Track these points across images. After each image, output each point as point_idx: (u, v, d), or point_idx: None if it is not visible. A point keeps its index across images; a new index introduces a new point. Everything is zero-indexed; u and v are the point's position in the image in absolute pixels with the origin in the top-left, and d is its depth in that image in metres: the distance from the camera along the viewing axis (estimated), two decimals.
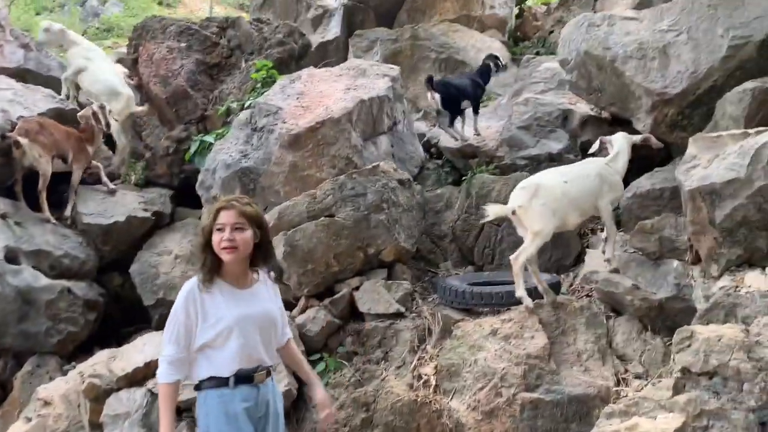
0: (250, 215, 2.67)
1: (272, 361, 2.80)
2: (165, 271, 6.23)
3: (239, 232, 2.62)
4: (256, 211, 2.74)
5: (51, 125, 6.10)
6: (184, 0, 26.49)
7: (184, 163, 7.11)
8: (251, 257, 2.71)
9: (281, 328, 2.88)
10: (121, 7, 20.86)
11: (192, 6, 26.26)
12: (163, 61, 7.11)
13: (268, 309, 2.78)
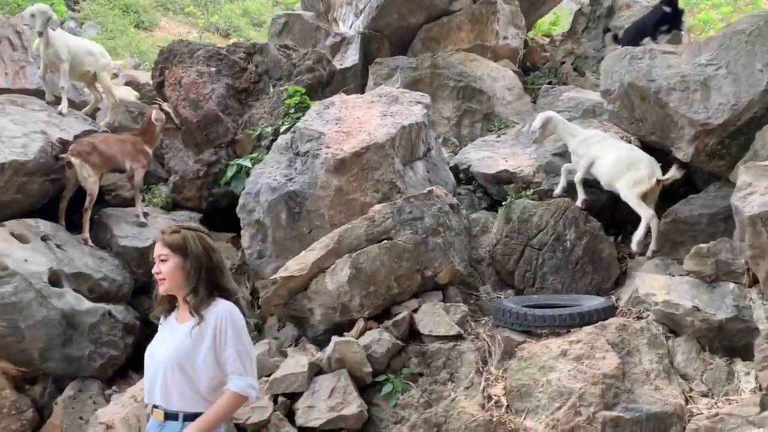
0: (172, 244, 2.60)
1: (179, 405, 2.55)
2: None
3: (163, 264, 2.60)
4: (181, 238, 2.60)
5: (103, 143, 6.12)
6: (160, 24, 26.54)
7: (213, 186, 7.14)
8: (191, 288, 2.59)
9: (203, 374, 2.55)
10: (99, 29, 20.78)
11: (169, 29, 26.31)
12: (193, 85, 7.15)
13: (180, 351, 2.54)
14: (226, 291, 2.68)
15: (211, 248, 2.67)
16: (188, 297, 2.59)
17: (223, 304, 2.62)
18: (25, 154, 5.57)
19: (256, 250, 6.03)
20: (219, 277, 2.66)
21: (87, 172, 5.95)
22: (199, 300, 2.58)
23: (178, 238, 2.61)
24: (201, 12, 18.70)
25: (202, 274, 2.59)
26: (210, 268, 2.62)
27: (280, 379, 4.45)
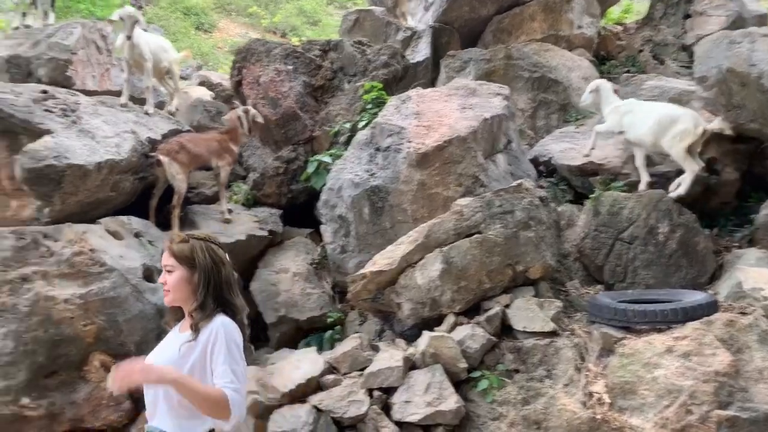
0: (179, 254, 2.44)
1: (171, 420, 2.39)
2: (285, 289, 6.29)
3: (169, 275, 2.46)
4: (189, 248, 2.44)
5: (190, 141, 6.25)
6: (219, 25, 27.10)
7: (292, 182, 7.21)
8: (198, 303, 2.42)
9: None
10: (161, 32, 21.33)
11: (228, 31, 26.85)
12: (272, 84, 7.23)
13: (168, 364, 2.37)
14: (233, 307, 2.47)
15: (220, 261, 2.48)
16: (194, 312, 2.42)
17: (220, 320, 2.40)
18: (119, 153, 5.73)
19: (339, 245, 6.07)
20: (227, 292, 2.46)
21: (175, 170, 6.10)
22: (204, 316, 2.41)
23: (185, 248, 2.45)
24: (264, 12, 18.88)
25: (210, 289, 2.42)
26: (218, 283, 2.43)
27: (376, 374, 4.45)
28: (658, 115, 5.70)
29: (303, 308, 6.18)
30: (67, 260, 5.20)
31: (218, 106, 8.46)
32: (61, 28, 6.90)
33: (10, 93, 5.67)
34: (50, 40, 6.67)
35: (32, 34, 6.90)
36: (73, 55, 6.68)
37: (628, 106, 6.11)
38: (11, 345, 4.95)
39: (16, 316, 4.98)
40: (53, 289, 5.11)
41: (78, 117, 5.86)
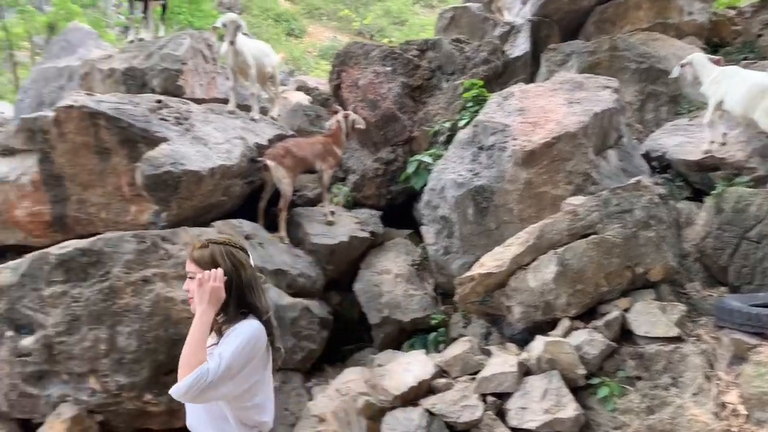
0: (200, 260, 2.41)
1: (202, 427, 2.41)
2: (388, 290, 6.29)
3: (190, 281, 2.42)
4: (209, 254, 2.41)
5: (295, 146, 6.39)
6: (308, 30, 27.69)
7: (391, 183, 7.22)
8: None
9: None
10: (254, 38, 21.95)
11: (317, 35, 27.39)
12: (370, 86, 7.27)
13: None
14: (257, 309, 2.43)
15: (240, 264, 2.44)
16: (218, 316, 2.39)
17: (247, 322, 2.38)
18: (230, 158, 5.92)
19: (442, 246, 6.00)
20: (249, 294, 2.42)
21: (282, 174, 6.24)
22: (227, 319, 2.40)
23: (206, 254, 2.42)
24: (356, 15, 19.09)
25: (232, 292, 2.38)
26: (239, 286, 2.40)
27: (489, 378, 4.35)
28: (750, 86, 5.39)
29: (406, 309, 6.16)
30: (183, 263, 5.41)
31: (317, 110, 8.59)
32: (172, 39, 7.21)
33: (129, 104, 5.97)
34: (162, 52, 6.99)
35: (145, 46, 7.26)
36: (183, 65, 6.96)
37: (727, 72, 5.77)
38: (135, 344, 5.21)
39: (139, 316, 5.24)
40: (172, 290, 5.34)
41: (191, 125, 6.10)
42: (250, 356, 2.32)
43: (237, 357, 2.26)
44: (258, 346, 2.36)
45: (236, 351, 2.27)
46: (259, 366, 2.39)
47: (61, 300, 5.26)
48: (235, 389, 2.31)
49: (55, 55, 9.72)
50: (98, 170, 5.86)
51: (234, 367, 2.25)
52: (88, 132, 5.72)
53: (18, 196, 6.06)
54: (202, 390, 2.20)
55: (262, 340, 2.38)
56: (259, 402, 2.42)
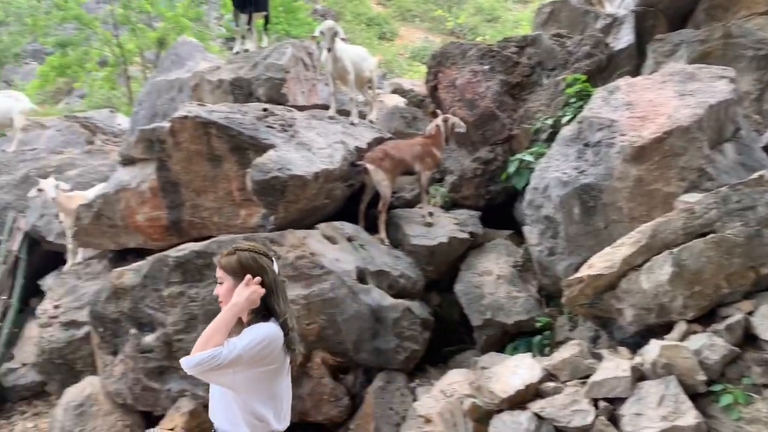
0: (227, 266, 2.63)
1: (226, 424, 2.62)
2: (490, 292, 6.22)
3: (220, 287, 2.66)
4: (236, 260, 2.61)
5: (394, 148, 6.48)
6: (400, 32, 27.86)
7: (490, 183, 7.14)
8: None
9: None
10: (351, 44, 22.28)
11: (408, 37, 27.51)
12: (468, 85, 7.22)
13: None
14: (275, 312, 2.62)
15: (263, 269, 2.62)
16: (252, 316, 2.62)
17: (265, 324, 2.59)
18: (332, 163, 6.07)
19: (546, 247, 5.86)
20: (269, 297, 2.61)
21: (381, 177, 6.33)
22: (251, 319, 2.61)
23: (232, 260, 2.63)
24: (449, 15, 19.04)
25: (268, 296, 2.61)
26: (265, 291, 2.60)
27: (601, 383, 4.20)
28: None
29: (509, 311, 6.07)
30: (291, 264, 5.61)
31: (414, 112, 8.65)
32: (275, 49, 7.50)
33: (238, 113, 6.26)
34: (266, 62, 7.27)
35: (250, 57, 7.58)
36: (286, 74, 7.21)
37: None
38: None
39: None
40: None
41: (295, 131, 6.31)
42: (263, 354, 2.51)
43: (248, 350, 2.46)
44: (272, 347, 2.54)
45: (249, 345, 2.47)
46: (271, 364, 2.57)
47: (179, 300, 5.58)
48: (243, 381, 2.51)
49: (166, 68, 10.33)
50: (211, 176, 6.18)
51: (244, 358, 2.46)
52: (201, 140, 6.05)
53: (138, 202, 6.49)
54: (209, 369, 2.44)
55: (277, 341, 2.56)
56: (268, 398, 2.59)
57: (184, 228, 6.51)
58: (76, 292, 7.31)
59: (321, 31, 6.87)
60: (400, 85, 10.58)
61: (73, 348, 6.85)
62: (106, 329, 5.92)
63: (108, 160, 9.45)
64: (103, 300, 5.86)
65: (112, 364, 5.97)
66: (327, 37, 6.80)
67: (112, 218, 6.61)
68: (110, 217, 6.60)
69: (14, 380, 7.71)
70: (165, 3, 17.62)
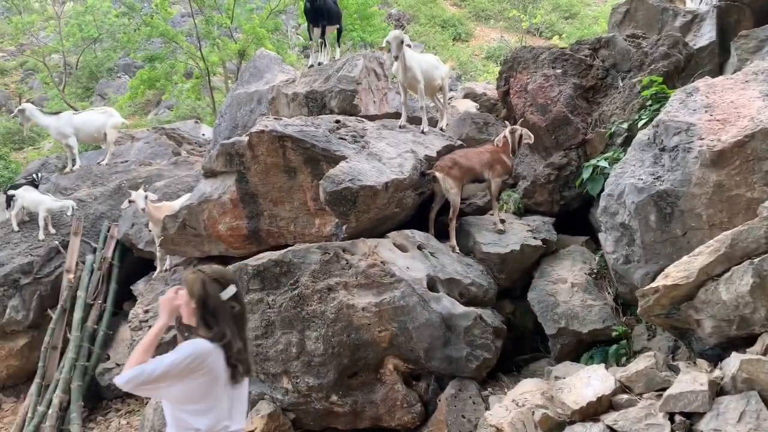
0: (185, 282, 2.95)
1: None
2: (564, 300, 6.14)
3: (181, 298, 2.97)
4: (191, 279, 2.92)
5: (463, 157, 6.54)
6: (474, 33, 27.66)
7: (564, 189, 7.04)
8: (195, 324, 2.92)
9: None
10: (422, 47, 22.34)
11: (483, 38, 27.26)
12: (540, 90, 7.15)
13: None
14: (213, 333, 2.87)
15: (208, 294, 2.89)
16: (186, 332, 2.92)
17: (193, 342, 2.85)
18: (402, 172, 6.17)
19: (622, 254, 5.73)
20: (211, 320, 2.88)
21: (449, 185, 6.38)
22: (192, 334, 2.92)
23: (189, 278, 2.95)
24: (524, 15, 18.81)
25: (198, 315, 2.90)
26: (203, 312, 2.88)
27: (677, 397, 4.09)
28: None
29: (584, 320, 5.98)
30: (363, 272, 5.75)
31: (485, 118, 8.63)
32: (347, 61, 7.69)
33: (311, 125, 6.47)
34: (339, 74, 7.48)
35: (324, 70, 7.81)
36: (358, 85, 7.38)
37: None
38: (322, 348, 5.63)
39: (325, 322, 5.65)
40: (353, 298, 5.69)
41: (366, 142, 6.46)
42: (191, 367, 2.76)
43: (175, 365, 2.74)
44: (199, 360, 2.77)
45: (175, 360, 2.75)
46: (205, 376, 2.79)
47: (257, 306, 5.83)
48: (177, 392, 2.79)
49: (245, 81, 10.77)
50: (287, 188, 6.42)
51: (171, 373, 2.74)
52: (277, 153, 6.30)
53: (220, 212, 6.82)
54: (138, 385, 2.76)
55: (204, 356, 2.79)
56: (199, 409, 2.81)
57: (262, 236, 6.78)
58: None
59: (387, 40, 6.96)
60: (472, 89, 10.58)
61: (162, 351, 7.24)
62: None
63: (193, 171, 9.96)
64: None
65: None
66: (393, 46, 6.88)
67: (196, 228, 6.97)
68: (194, 226, 6.96)
69: (109, 379, 8.21)
70: (245, 15, 18.27)
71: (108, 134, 10.66)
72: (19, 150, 20.45)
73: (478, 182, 6.68)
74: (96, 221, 9.53)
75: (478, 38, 27.14)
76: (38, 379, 8.09)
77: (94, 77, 24.54)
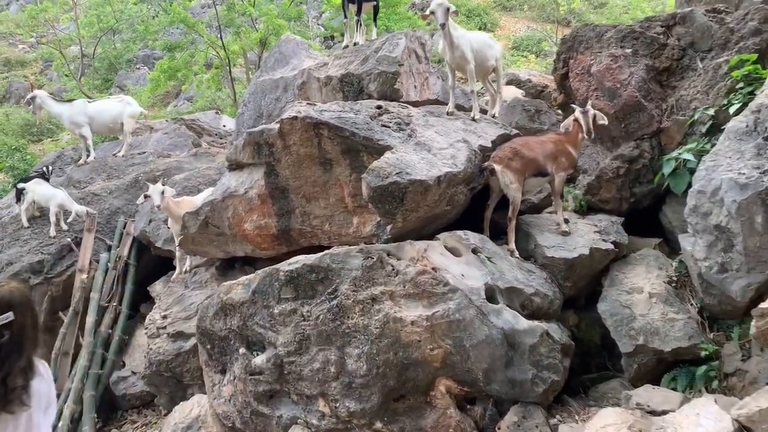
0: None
1: None
2: (641, 313, 5.33)
3: None
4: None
5: (524, 146, 5.72)
6: (500, 23, 26.77)
7: (634, 185, 6.21)
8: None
9: None
10: None
11: (509, 27, 26.36)
12: (607, 72, 6.30)
13: None
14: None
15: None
16: None
17: None
18: (455, 164, 5.37)
19: (716, 261, 4.89)
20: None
21: (509, 179, 5.57)
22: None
23: None
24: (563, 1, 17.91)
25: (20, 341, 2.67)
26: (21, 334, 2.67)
27: None
28: None
29: (666, 337, 5.16)
30: (411, 280, 4.97)
31: (537, 105, 7.82)
32: (387, 40, 6.88)
33: (350, 111, 5.69)
34: (378, 55, 6.67)
35: (360, 50, 7.01)
36: (400, 67, 6.57)
37: None
38: (365, 367, 4.85)
39: (368, 337, 4.88)
40: (400, 310, 4.91)
41: (412, 130, 5.66)
42: None
43: None
44: None
45: None
46: None
47: (290, 318, 5.08)
48: None
49: (270, 67, 10.00)
50: (321, 182, 5.66)
51: None
52: (311, 143, 5.53)
53: (246, 209, 6.08)
54: None
55: None
56: None
57: (293, 237, 6.04)
58: (184, 301, 7.05)
59: (431, 10, 6.07)
60: (515, 75, 9.74)
61: (181, 361, 6.58)
62: (214, 347, 5.52)
63: (214, 163, 9.24)
64: (211, 316, 5.46)
65: (221, 383, 5.56)
66: (438, 15, 5.96)
67: (220, 226, 6.24)
68: (217, 225, 6.23)
69: (125, 389, 7.59)
70: (266, 4, 17.59)
71: (125, 124, 9.96)
72: (37, 142, 20.07)
73: (541, 176, 5.86)
74: (111, 217, 8.87)
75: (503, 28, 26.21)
76: None
77: (113, 69, 24.15)
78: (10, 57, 27.36)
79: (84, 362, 7.41)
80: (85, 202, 8.92)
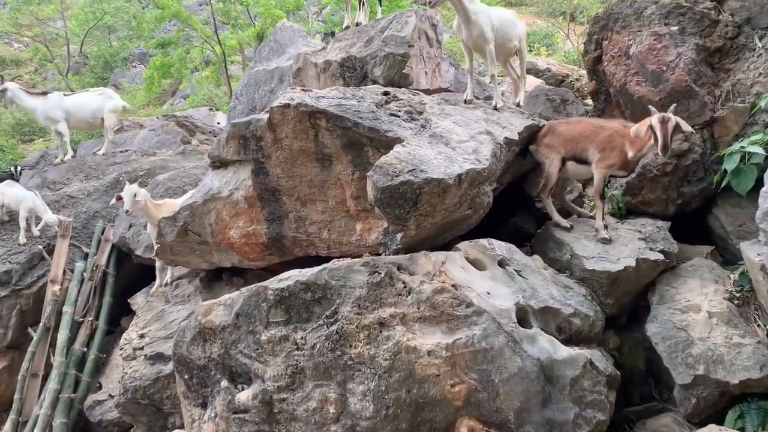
0: None
1: None
2: (701, 337, 4.47)
3: None
4: None
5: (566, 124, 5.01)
6: None
7: (682, 184, 5.35)
8: None
9: None
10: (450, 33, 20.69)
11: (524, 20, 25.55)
12: (650, 53, 5.43)
13: None
14: None
15: None
16: None
17: None
18: (478, 160, 4.49)
19: None
20: None
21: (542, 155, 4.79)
22: None
23: None
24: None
25: None
26: None
27: None
28: None
29: (732, 366, 4.31)
30: (427, 299, 4.12)
31: (562, 95, 6.97)
32: (395, 18, 6.00)
33: (353, 98, 4.83)
34: (384, 35, 5.79)
35: (364, 31, 6.13)
36: (410, 48, 5.69)
37: None
38: (371, 407, 3.99)
39: (375, 371, 4.02)
40: (414, 336, 4.06)
41: (426, 119, 4.80)
42: None
43: None
44: None
45: None
46: None
47: (281, 346, 4.22)
48: None
49: (265, 57, 9.20)
50: (319, 181, 4.80)
51: None
52: (306, 135, 4.68)
53: (231, 214, 5.23)
54: None
55: None
56: None
57: (286, 246, 5.18)
58: (164, 318, 6.20)
59: None
60: (533, 64, 8.88)
61: (160, 386, 5.73)
62: (192, 377, 4.67)
63: (203, 162, 8.38)
64: (188, 341, 4.61)
65: (201, 419, 4.70)
66: None
67: (201, 234, 5.39)
68: (198, 232, 5.38)
69: (101, 414, 6.72)
70: None
71: (106, 119, 9.09)
72: (29, 142, 19.32)
73: (581, 163, 5.00)
74: (88, 221, 8.02)
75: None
76: (13, 415, 6.84)
77: (108, 67, 23.40)
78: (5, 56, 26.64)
79: (54, 385, 6.61)
80: (60, 205, 8.07)
